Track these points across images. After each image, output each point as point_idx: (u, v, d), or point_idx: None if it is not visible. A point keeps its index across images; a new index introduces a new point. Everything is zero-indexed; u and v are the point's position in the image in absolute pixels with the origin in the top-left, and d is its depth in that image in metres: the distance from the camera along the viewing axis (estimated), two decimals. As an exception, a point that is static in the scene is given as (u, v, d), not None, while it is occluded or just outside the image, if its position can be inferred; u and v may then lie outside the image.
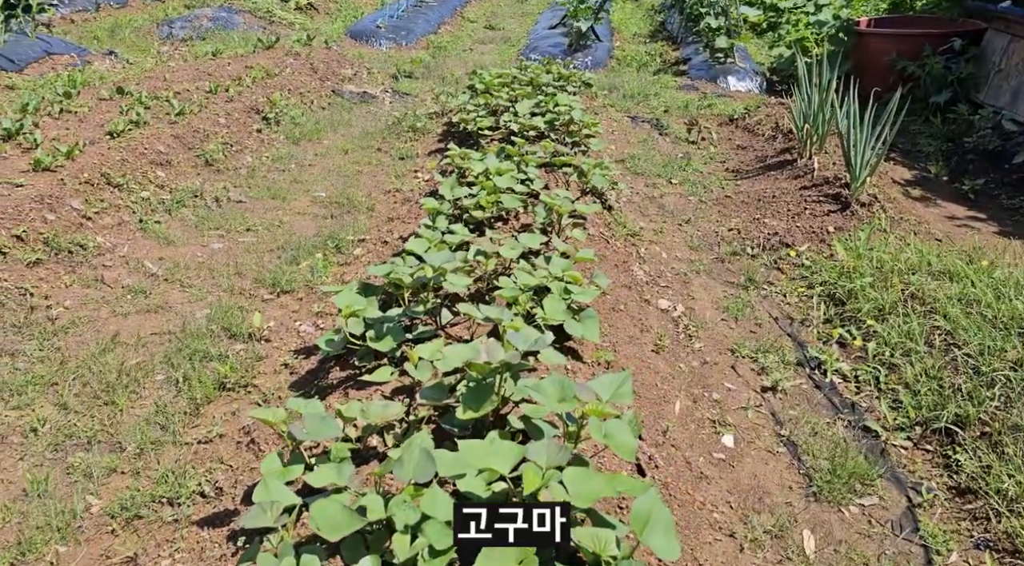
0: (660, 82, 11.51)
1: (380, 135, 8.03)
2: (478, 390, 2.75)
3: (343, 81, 9.81)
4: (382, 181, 6.73)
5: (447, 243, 4.09)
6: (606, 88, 10.81)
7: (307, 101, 8.67)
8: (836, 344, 4.64)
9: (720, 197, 6.91)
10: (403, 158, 7.39)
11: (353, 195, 6.32)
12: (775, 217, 6.22)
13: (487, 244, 3.98)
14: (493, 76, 7.71)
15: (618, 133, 8.80)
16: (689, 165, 7.71)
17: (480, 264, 3.92)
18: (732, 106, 10.13)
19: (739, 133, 8.95)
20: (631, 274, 5.17)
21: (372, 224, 5.78)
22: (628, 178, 7.26)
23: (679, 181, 7.26)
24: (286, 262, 5.15)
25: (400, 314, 3.55)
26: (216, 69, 8.52)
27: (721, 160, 8.08)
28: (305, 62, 9.71)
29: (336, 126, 8.26)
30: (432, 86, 10.49)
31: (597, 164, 5.61)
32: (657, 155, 8.03)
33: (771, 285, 5.35)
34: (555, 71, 8.43)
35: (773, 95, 10.96)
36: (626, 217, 6.20)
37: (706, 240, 6.03)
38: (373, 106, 9.23)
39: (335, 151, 7.50)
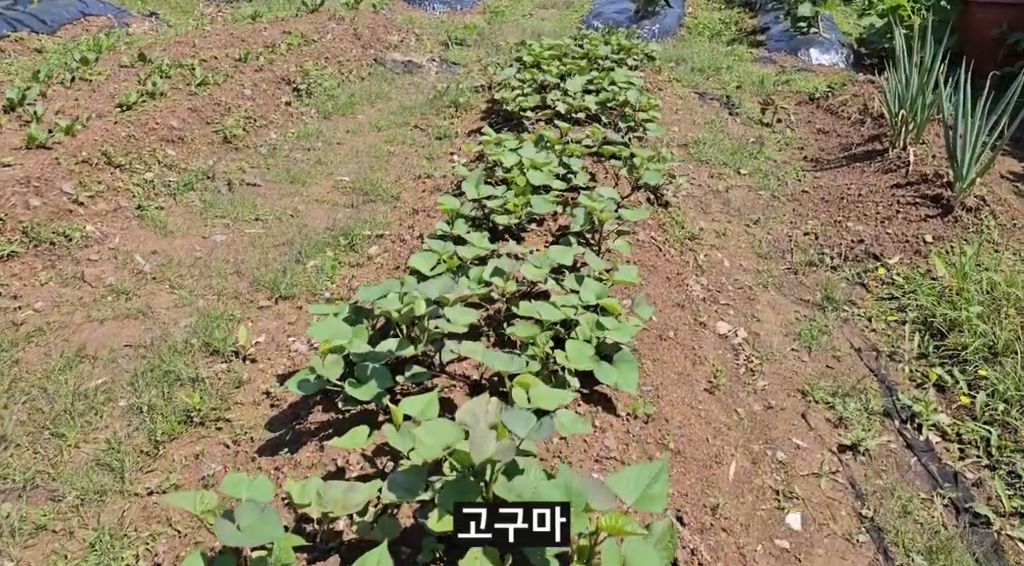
0: (734, 54, 10.49)
1: (419, 110, 7.32)
2: (460, 487, 2.06)
3: (388, 48, 9.12)
4: (414, 164, 6.05)
5: (460, 258, 3.38)
6: (673, 60, 9.86)
7: (345, 70, 8.01)
8: (934, 388, 3.80)
9: (795, 192, 6.02)
10: (440, 138, 6.69)
11: (379, 181, 5.66)
12: (860, 220, 5.32)
13: (507, 262, 3.26)
14: (544, 47, 6.91)
15: (683, 112, 7.90)
16: (761, 152, 6.80)
17: (497, 286, 3.20)
18: (814, 82, 9.10)
19: (820, 115, 7.95)
20: (685, 289, 4.39)
21: (394, 217, 5.11)
22: (690, 167, 6.41)
23: (749, 171, 6.38)
24: (292, 260, 4.53)
25: (391, 350, 2.87)
26: (251, 34, 7.92)
27: (798, 146, 7.14)
28: (348, 27, 9.04)
29: (373, 99, 7.59)
30: (485, 54, 9.71)
31: (652, 156, 4.80)
32: (726, 139, 7.13)
33: (853, 306, 4.50)
34: (614, 42, 7.56)
35: (861, 71, 9.85)
36: (684, 215, 5.38)
37: (777, 246, 5.18)
38: (417, 76, 8.52)
39: (368, 128, 6.84)
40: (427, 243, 3.46)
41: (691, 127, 7.45)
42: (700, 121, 7.66)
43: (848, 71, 9.96)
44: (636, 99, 5.61)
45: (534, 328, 2.86)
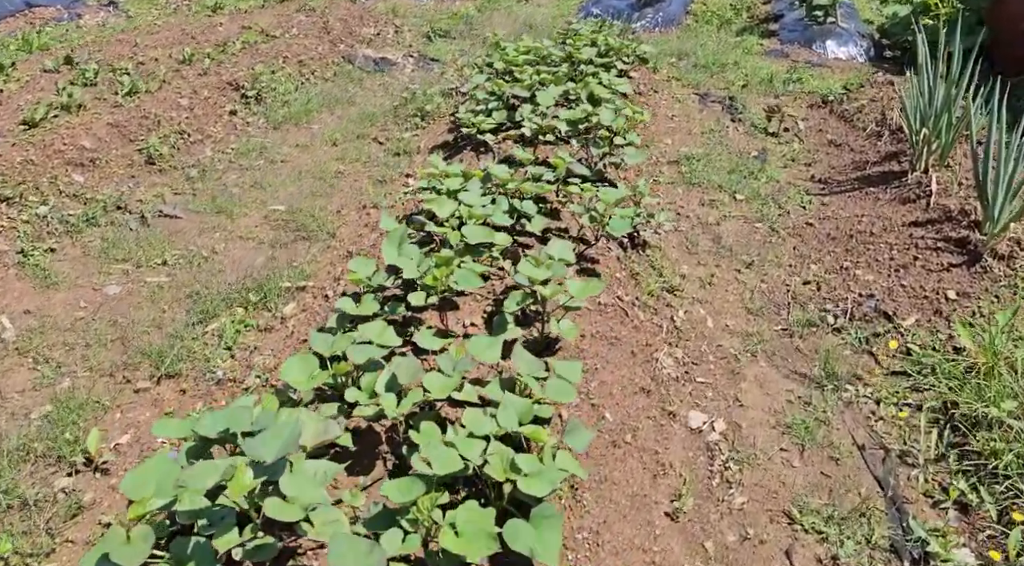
0: (743, 46, 9.58)
1: (382, 119, 6.54)
2: None
3: (360, 43, 8.30)
4: (363, 189, 5.29)
5: (352, 362, 2.64)
6: (674, 55, 8.98)
7: (306, 71, 7.22)
8: (954, 509, 3.04)
9: (798, 225, 5.20)
10: (399, 154, 5.91)
11: (319, 211, 4.92)
12: (871, 267, 4.51)
13: (407, 366, 2.51)
14: (519, 51, 6.08)
15: (680, 118, 7.06)
16: (763, 170, 5.97)
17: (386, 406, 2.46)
18: (828, 82, 8.20)
19: (834, 122, 7.08)
20: (654, 366, 3.62)
21: (325, 261, 4.37)
22: (679, 191, 5.60)
23: (746, 196, 5.56)
24: (191, 321, 3.81)
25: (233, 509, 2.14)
26: (204, 30, 7.14)
27: (806, 161, 6.30)
28: (318, 20, 8.23)
29: (334, 104, 6.81)
30: (470, 47, 8.87)
31: (621, 199, 4.01)
32: (724, 153, 6.30)
33: (859, 382, 3.72)
34: (602, 41, 6.71)
35: (882, 66, 8.92)
36: (664, 259, 4.60)
37: (772, 298, 4.38)
38: (389, 76, 7.71)
39: (321, 141, 6.07)
40: (313, 340, 2.71)
41: (686, 138, 6.62)
42: (697, 130, 6.82)
43: (867, 65, 9.04)
44: (612, 121, 4.79)
45: (415, 487, 2.11)
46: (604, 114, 4.79)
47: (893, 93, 7.16)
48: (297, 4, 8.66)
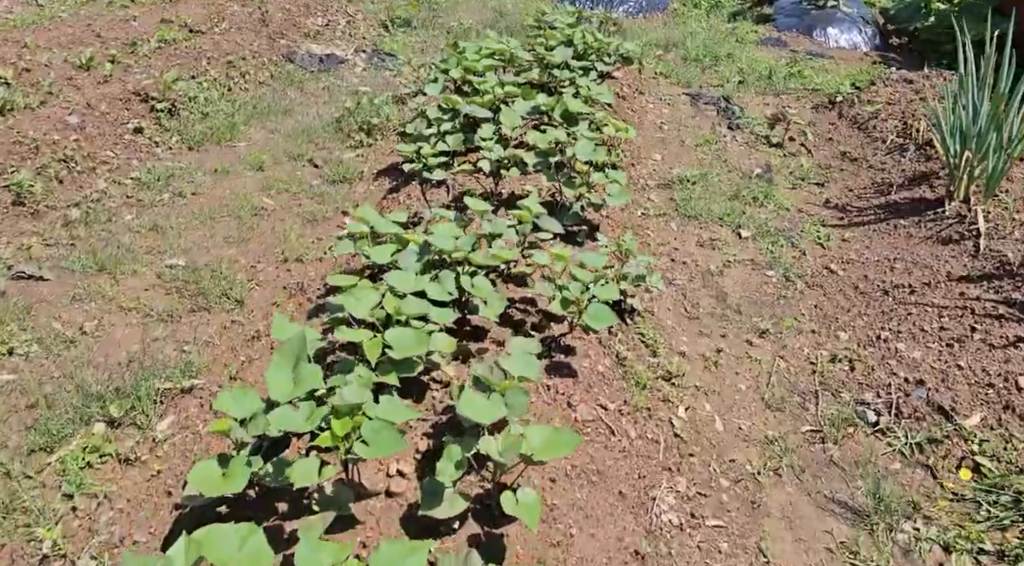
0: (736, 34, 8.57)
1: (322, 134, 5.49)
2: None
3: (305, 38, 7.20)
4: (287, 233, 4.27)
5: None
6: (661, 46, 7.95)
7: (236, 74, 6.13)
8: None
9: (818, 271, 4.24)
10: (338, 181, 4.88)
11: (228, 266, 3.91)
12: (915, 339, 3.56)
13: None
14: (480, 54, 5.03)
15: (670, 127, 6.05)
16: (770, 195, 5.00)
17: None
18: (833, 77, 7.22)
19: (845, 130, 6.11)
20: (650, 513, 2.67)
21: (224, 346, 3.36)
22: (674, 226, 4.61)
23: (753, 232, 4.59)
24: (30, 447, 2.80)
25: None
26: (113, 25, 6.02)
27: (817, 180, 5.33)
28: (255, 11, 7.11)
29: (266, 116, 5.74)
30: (432, 38, 7.79)
31: (599, 276, 3.02)
32: (723, 172, 5.31)
33: (918, 515, 2.80)
34: (579, 38, 5.67)
35: (889, 56, 7.93)
36: (658, 329, 3.62)
37: (794, 384, 3.43)
38: (335, 77, 6.63)
39: (245, 165, 5.02)
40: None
41: (679, 153, 5.62)
42: (690, 141, 5.82)
43: (873, 56, 8.06)
44: (590, 153, 3.77)
45: None
46: (580, 146, 3.77)
47: (912, 94, 6.19)
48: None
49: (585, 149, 3.73)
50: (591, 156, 3.71)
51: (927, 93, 6.12)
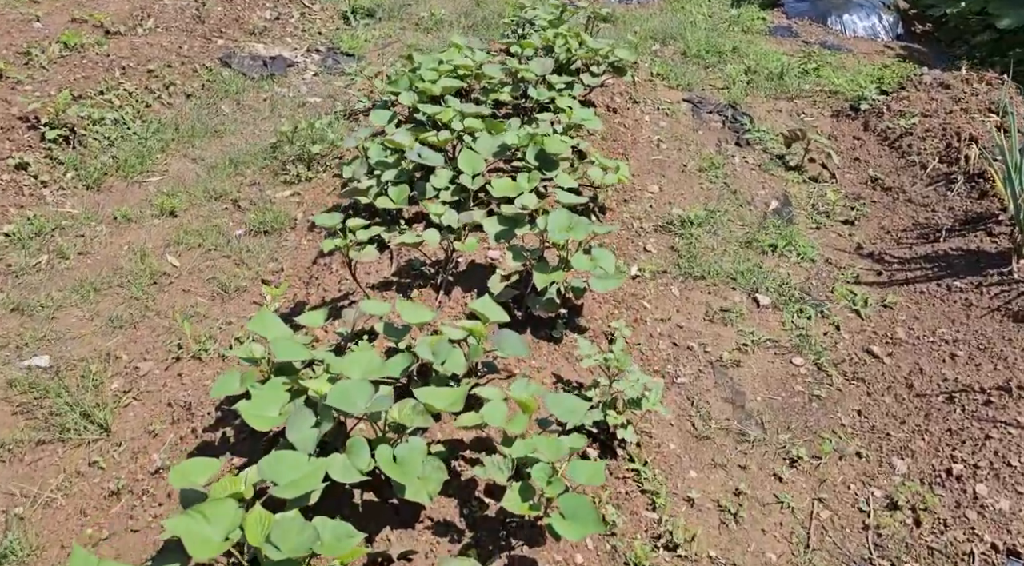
0: (741, 22, 7.54)
1: (253, 164, 4.53)
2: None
3: (249, 36, 6.17)
4: (193, 308, 3.34)
5: None
6: (657, 39, 6.94)
7: (158, 86, 5.14)
8: None
9: (857, 356, 3.33)
10: (264, 232, 3.94)
11: (106, 364, 3.02)
12: (999, 479, 2.67)
13: None
14: (440, 72, 4.05)
15: (668, 145, 5.10)
16: (791, 241, 4.08)
17: None
18: (854, 76, 6.24)
19: (873, 147, 5.16)
20: None
21: (70, 508, 2.45)
22: (675, 291, 3.69)
23: (773, 298, 3.67)
24: None
25: None
26: (8, 28, 5.03)
27: (845, 217, 4.41)
28: (190, 4, 6.07)
29: (191, 139, 4.77)
30: (397, 35, 6.76)
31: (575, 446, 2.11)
32: (732, 209, 4.38)
33: None
34: (561, 43, 4.68)
35: (913, 46, 6.93)
36: (657, 461, 2.72)
37: (842, 547, 2.54)
38: (280, 85, 5.64)
39: (153, 210, 4.07)
40: None
41: (679, 182, 4.67)
42: (693, 165, 4.87)
43: (895, 48, 7.06)
44: (566, 231, 2.82)
45: None
46: (555, 219, 2.81)
47: (951, 103, 5.23)
48: (168, -19, 6.46)
49: (559, 222, 2.78)
50: (567, 233, 2.76)
51: (969, 102, 5.17)
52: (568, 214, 2.83)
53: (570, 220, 2.81)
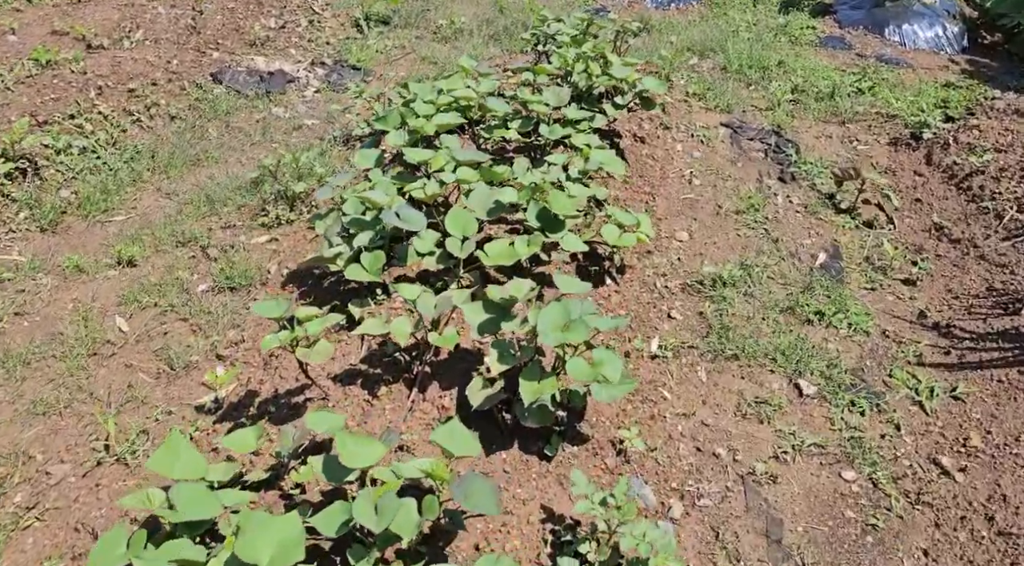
0: (788, 31, 6.85)
1: (231, 200, 4.04)
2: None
3: (249, 47, 5.68)
4: (133, 388, 2.85)
5: None
6: (695, 51, 6.29)
7: (138, 108, 4.66)
8: None
9: (923, 472, 2.72)
10: (231, 289, 3.43)
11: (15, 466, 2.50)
12: None
13: None
14: (436, 106, 3.49)
15: (701, 181, 4.49)
16: (841, 306, 3.46)
17: None
18: (915, 97, 5.55)
19: (936, 183, 4.49)
20: None
21: None
22: (701, 373, 3.10)
23: (818, 385, 3.06)
24: None
25: None
26: (-15, 44, 4.58)
27: (905, 275, 3.77)
28: (187, 11, 5.59)
29: (167, 170, 4.29)
30: (412, 45, 6.22)
31: None
32: (773, 263, 3.77)
33: None
34: (580, 68, 4.08)
35: (980, 62, 6.16)
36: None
37: None
38: (277, 104, 5.13)
39: (110, 258, 3.60)
40: None
41: (713, 227, 4.07)
42: (730, 206, 4.25)
43: (960, 62, 6.31)
44: (558, 334, 2.24)
45: None
46: (546, 318, 2.23)
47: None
48: (167, -14, 5.99)
49: (553, 320, 2.21)
50: (562, 334, 2.18)
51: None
52: (565, 309, 2.25)
53: (567, 315, 2.23)
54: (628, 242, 3.03)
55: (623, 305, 3.28)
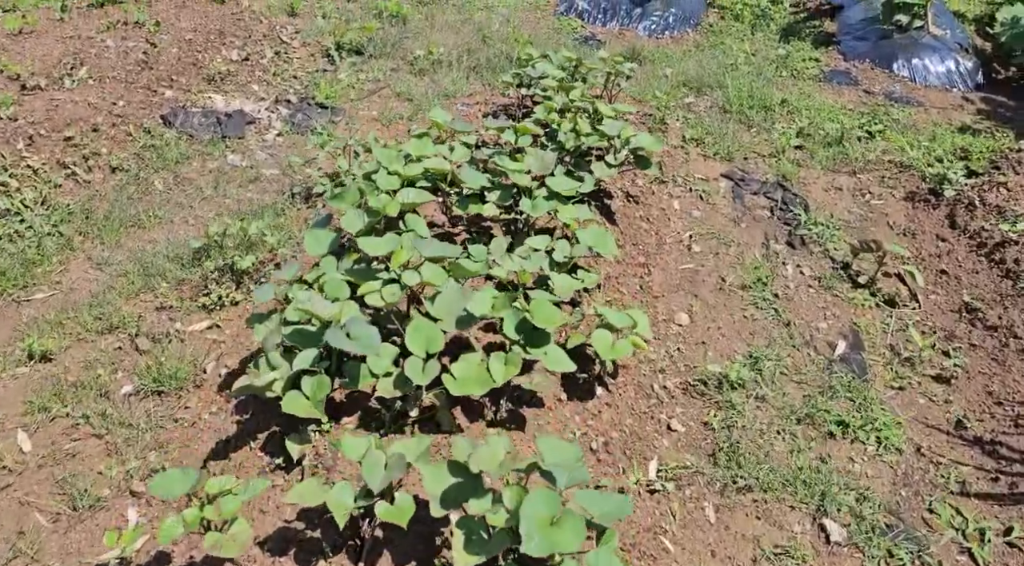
0: (790, 65, 6.36)
1: (171, 273, 3.50)
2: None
3: (208, 84, 5.13)
4: (29, 530, 2.33)
5: None
6: (692, 87, 5.79)
7: (75, 159, 4.12)
8: None
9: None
10: (159, 392, 2.90)
11: None
12: None
13: None
14: (405, 176, 2.97)
15: (702, 248, 3.99)
16: (866, 414, 2.97)
17: None
18: (931, 143, 5.08)
19: (963, 250, 4.01)
20: None
21: None
22: (710, 512, 2.59)
23: (848, 527, 2.55)
24: None
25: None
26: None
27: (937, 372, 3.27)
28: (139, 43, 5.05)
29: (103, 234, 3.76)
30: (388, 79, 5.70)
31: None
32: (786, 354, 3.28)
33: None
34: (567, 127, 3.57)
35: (996, 101, 5.69)
36: None
37: None
38: (235, 151, 4.60)
39: (21, 350, 3.06)
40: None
41: (717, 306, 3.56)
42: (734, 279, 3.75)
43: (975, 101, 5.84)
44: (548, 546, 1.72)
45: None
46: (532, 512, 1.71)
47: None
48: (121, 13, 5.44)
49: (537, 515, 1.69)
50: (550, 543, 1.66)
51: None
52: (552, 499, 1.73)
53: (555, 505, 1.71)
54: (623, 352, 2.52)
55: (616, 422, 2.77)
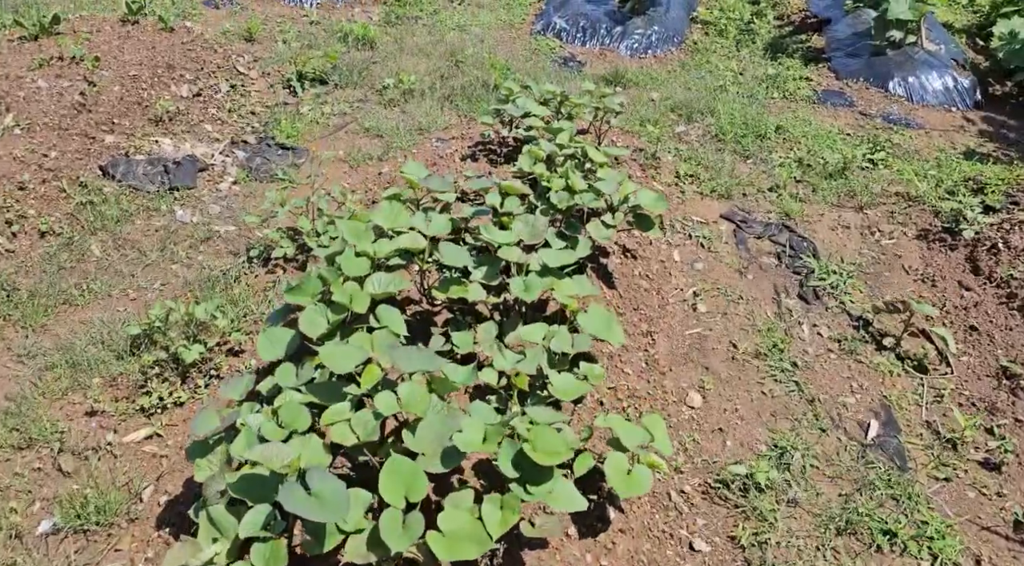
0: (780, 85, 5.97)
1: (106, 366, 3.01)
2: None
3: (155, 126, 4.61)
4: None
5: None
6: (683, 114, 5.38)
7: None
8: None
9: None
10: (84, 530, 2.42)
11: None
12: None
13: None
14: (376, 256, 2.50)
15: (708, 309, 3.57)
16: (912, 518, 2.55)
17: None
18: (938, 171, 4.75)
19: (991, 301, 3.63)
20: None
21: None
22: None
23: None
24: None
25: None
26: None
27: (983, 457, 2.90)
28: (75, 83, 4.52)
29: (27, 318, 3.27)
30: (353, 112, 5.21)
31: None
32: (811, 439, 2.87)
33: None
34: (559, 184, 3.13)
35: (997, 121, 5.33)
36: None
37: None
38: (184, 204, 4.09)
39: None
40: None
41: (731, 381, 3.14)
42: (747, 346, 3.33)
43: (976, 122, 5.50)
44: None
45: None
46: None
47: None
48: (58, 47, 4.89)
49: None
50: None
51: None
52: None
53: None
54: (641, 487, 2.08)
55: (633, 554, 2.33)
